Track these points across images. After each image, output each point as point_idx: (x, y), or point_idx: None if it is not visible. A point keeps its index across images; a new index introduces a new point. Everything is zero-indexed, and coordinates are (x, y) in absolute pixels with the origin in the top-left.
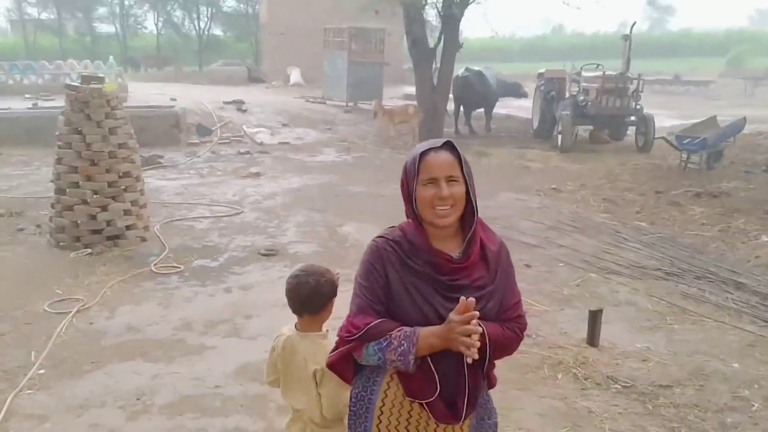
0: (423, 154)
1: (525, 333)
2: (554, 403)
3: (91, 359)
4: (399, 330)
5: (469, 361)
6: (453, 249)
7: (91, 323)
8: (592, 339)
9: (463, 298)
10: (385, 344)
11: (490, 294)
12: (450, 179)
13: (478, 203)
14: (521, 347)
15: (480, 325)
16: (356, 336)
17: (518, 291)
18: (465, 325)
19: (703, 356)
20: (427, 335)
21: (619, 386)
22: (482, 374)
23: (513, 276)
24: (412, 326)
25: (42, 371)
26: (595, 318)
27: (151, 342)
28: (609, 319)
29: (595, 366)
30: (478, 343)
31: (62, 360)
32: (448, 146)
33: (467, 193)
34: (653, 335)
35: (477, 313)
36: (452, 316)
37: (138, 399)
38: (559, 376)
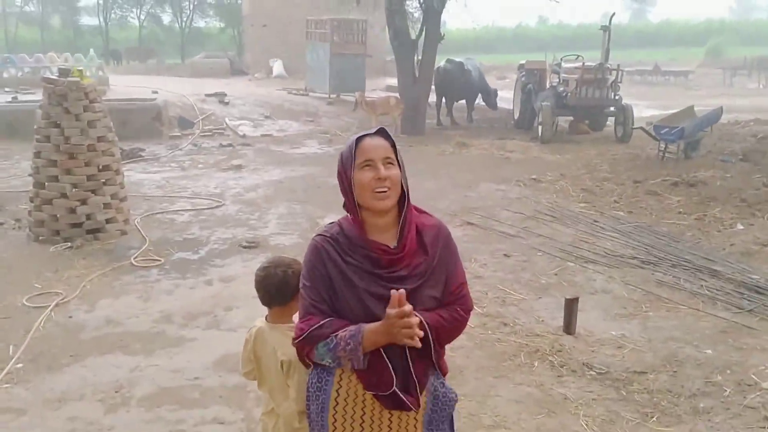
0: (358, 139)
1: (472, 312)
2: (530, 390)
3: (69, 353)
4: (344, 330)
5: (417, 343)
6: (390, 240)
7: (70, 317)
8: (569, 327)
9: (393, 291)
10: (333, 345)
11: (431, 280)
12: (387, 161)
13: (459, 194)
14: (499, 335)
15: (417, 315)
16: (301, 338)
17: (462, 272)
18: (402, 318)
19: (677, 343)
20: (370, 333)
21: (594, 373)
22: (431, 363)
23: (456, 258)
24: (357, 322)
25: (20, 365)
26: (571, 306)
27: (131, 335)
28: (585, 307)
29: (571, 353)
30: (420, 333)
31: (41, 354)
32: (383, 133)
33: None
34: (628, 323)
35: (410, 306)
36: (389, 311)
37: (116, 392)
38: (536, 364)
